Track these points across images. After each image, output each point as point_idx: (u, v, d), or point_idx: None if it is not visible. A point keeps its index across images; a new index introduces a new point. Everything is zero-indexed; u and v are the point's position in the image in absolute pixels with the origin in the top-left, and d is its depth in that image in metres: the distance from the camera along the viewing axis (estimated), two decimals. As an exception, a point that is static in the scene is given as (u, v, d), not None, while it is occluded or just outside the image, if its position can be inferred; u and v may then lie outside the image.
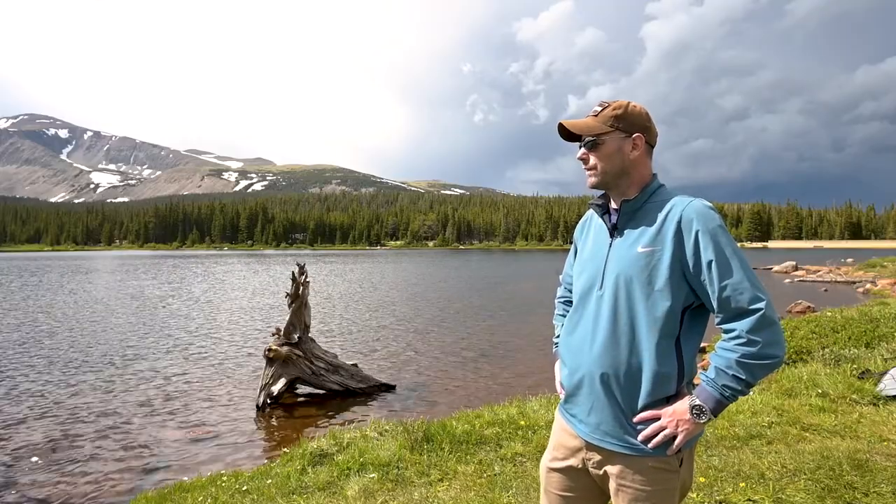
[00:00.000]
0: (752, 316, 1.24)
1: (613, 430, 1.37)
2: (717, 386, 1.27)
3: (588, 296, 1.43)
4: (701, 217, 1.30)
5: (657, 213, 1.36)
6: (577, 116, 1.51)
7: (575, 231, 1.65)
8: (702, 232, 1.28)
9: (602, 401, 1.37)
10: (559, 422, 1.56)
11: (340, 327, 12.50)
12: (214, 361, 8.94)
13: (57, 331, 11.94)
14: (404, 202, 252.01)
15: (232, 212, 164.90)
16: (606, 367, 1.35)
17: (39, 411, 6.28)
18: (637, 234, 1.37)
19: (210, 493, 3.48)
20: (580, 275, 1.49)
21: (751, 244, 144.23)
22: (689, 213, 1.31)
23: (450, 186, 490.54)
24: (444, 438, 3.90)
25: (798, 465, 3.08)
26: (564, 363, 1.50)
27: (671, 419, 1.31)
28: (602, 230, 1.48)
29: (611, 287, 1.37)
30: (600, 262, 1.42)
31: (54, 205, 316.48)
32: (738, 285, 1.25)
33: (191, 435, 5.55)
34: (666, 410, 1.32)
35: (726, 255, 1.27)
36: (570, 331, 1.48)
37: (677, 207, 1.33)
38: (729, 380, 1.26)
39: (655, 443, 1.32)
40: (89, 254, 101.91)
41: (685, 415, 1.29)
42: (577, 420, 1.45)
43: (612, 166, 1.42)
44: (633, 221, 1.40)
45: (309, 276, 7.23)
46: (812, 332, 6.41)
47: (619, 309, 1.35)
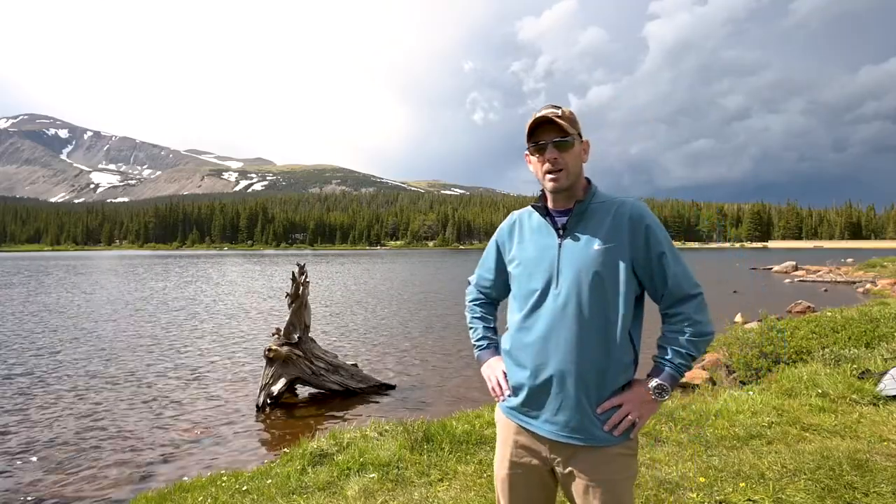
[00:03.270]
0: (695, 300, 1.41)
1: (581, 426, 1.39)
2: (674, 365, 1.39)
3: (543, 296, 1.43)
4: (647, 214, 1.42)
5: (605, 213, 1.43)
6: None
7: (498, 235, 1.63)
8: (651, 228, 1.41)
9: (571, 398, 1.39)
10: (510, 427, 1.53)
11: (340, 327, 12.50)
12: (214, 361, 8.93)
13: (55, 331, 11.94)
14: (404, 202, 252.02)
15: (232, 212, 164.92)
16: (577, 364, 1.37)
17: (39, 411, 6.27)
18: (589, 232, 1.43)
19: (210, 493, 3.48)
20: (529, 276, 1.48)
21: (751, 244, 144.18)
22: (637, 211, 1.42)
23: (450, 186, 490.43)
24: (444, 438, 3.90)
25: (798, 465, 3.08)
26: (522, 365, 1.46)
27: (633, 404, 1.38)
28: (545, 231, 1.49)
29: (569, 285, 1.40)
30: (551, 261, 1.44)
31: (54, 205, 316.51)
32: (682, 274, 1.41)
33: (191, 435, 5.55)
34: (627, 396, 1.39)
35: (671, 248, 1.42)
36: (527, 332, 1.46)
37: (625, 206, 1.43)
38: (682, 358, 1.39)
39: (621, 429, 1.38)
40: (89, 254, 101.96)
41: (647, 396, 1.39)
42: (542, 421, 1.44)
43: (576, 168, 1.46)
44: (582, 222, 1.45)
45: (309, 277, 7.23)
46: (812, 332, 6.41)
47: (582, 305, 1.38)
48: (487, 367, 1.61)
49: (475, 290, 1.74)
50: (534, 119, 1.43)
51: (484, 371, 1.62)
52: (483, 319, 1.69)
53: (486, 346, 1.65)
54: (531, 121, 1.44)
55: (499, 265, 1.65)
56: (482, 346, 1.65)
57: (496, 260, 1.65)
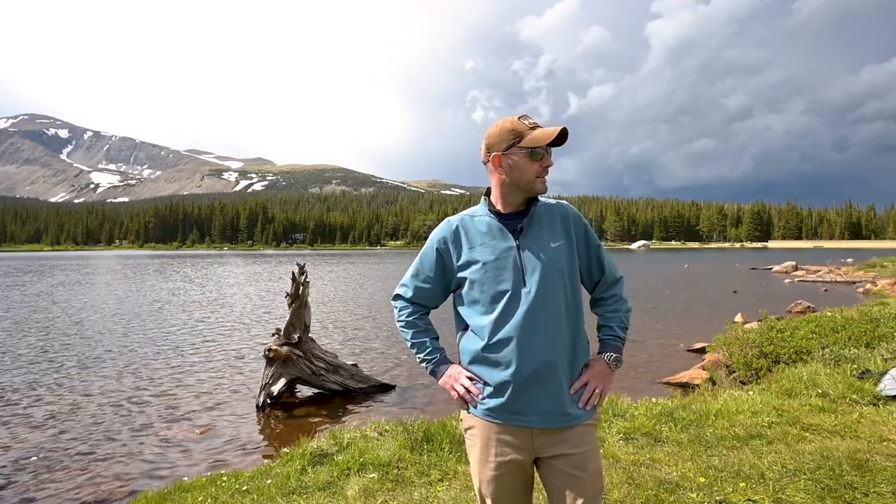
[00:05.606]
0: (621, 282, 1.68)
1: (562, 410, 1.50)
2: (621, 339, 1.62)
3: (515, 295, 1.50)
4: (578, 214, 1.63)
5: (549, 214, 1.59)
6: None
7: (438, 243, 1.64)
8: (586, 225, 1.62)
9: (555, 386, 1.49)
10: (490, 428, 1.54)
11: (340, 327, 12.50)
12: (214, 361, 8.94)
13: (55, 331, 11.94)
14: (404, 202, 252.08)
15: (232, 212, 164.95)
16: (557, 355, 1.50)
17: (39, 411, 6.28)
18: (543, 233, 1.56)
19: (210, 493, 3.48)
20: (494, 279, 1.52)
21: (751, 244, 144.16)
22: (571, 211, 1.62)
23: (450, 186, 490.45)
24: (444, 438, 3.90)
25: (798, 465, 3.08)
26: (503, 364, 1.50)
27: (598, 379, 1.56)
28: (499, 234, 1.56)
29: (538, 282, 1.50)
30: (515, 262, 1.53)
31: (54, 205, 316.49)
32: (611, 262, 1.66)
33: (191, 435, 5.55)
34: (591, 373, 1.56)
35: (599, 241, 1.66)
36: (504, 331, 1.49)
37: (563, 208, 1.62)
38: (623, 332, 1.64)
39: (591, 403, 1.54)
40: (89, 254, 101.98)
41: (606, 370, 1.58)
42: (530, 413, 1.50)
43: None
44: (534, 223, 1.57)
45: (309, 277, 7.23)
46: (812, 332, 6.41)
47: (552, 300, 1.50)
48: (448, 378, 1.62)
49: (408, 303, 1.72)
50: (560, 129, 1.51)
51: (446, 382, 1.63)
52: (427, 332, 1.70)
53: (438, 358, 1.67)
54: (556, 130, 1.50)
55: (438, 273, 1.66)
56: (435, 360, 1.66)
57: (437, 269, 1.66)
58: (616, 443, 3.73)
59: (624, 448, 3.61)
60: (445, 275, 1.66)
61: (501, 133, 1.54)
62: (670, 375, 7.31)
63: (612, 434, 3.88)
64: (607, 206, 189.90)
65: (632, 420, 4.11)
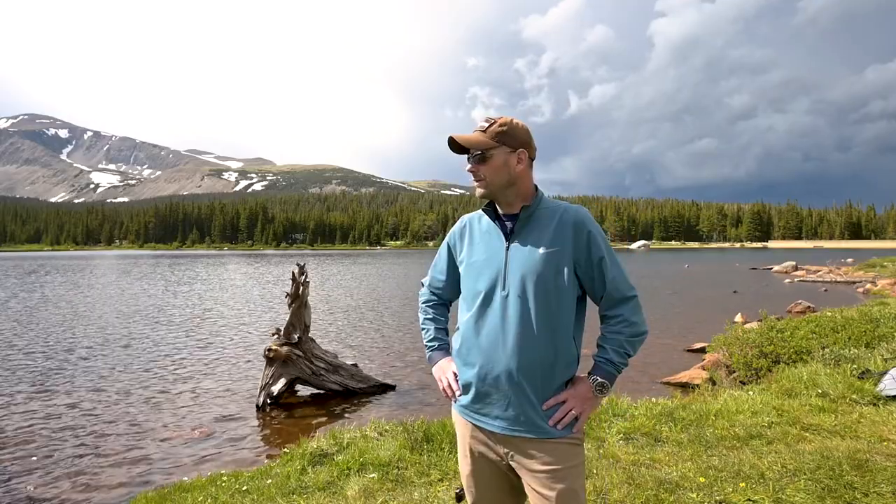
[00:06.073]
0: (631, 302, 1.50)
1: (528, 419, 1.46)
2: (614, 363, 1.47)
3: (490, 297, 1.50)
4: (589, 221, 1.50)
5: (550, 218, 1.51)
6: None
7: (449, 238, 1.71)
8: (592, 233, 1.49)
9: (520, 394, 1.46)
10: (466, 425, 1.59)
11: (340, 327, 12.50)
12: (214, 361, 8.93)
13: (54, 331, 11.94)
14: (404, 202, 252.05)
15: (232, 212, 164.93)
16: (523, 362, 1.44)
17: (39, 411, 6.27)
18: (535, 237, 1.50)
19: (210, 493, 3.48)
20: (476, 278, 1.55)
21: (751, 244, 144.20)
22: (580, 217, 1.50)
23: (450, 186, 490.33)
24: (444, 438, 3.90)
25: (798, 465, 3.08)
26: (471, 364, 1.52)
27: (576, 400, 1.47)
28: (494, 235, 1.56)
29: (517, 287, 1.46)
30: (499, 264, 1.51)
31: (54, 205, 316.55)
32: (619, 278, 1.49)
33: (191, 435, 5.55)
34: (570, 393, 1.47)
35: (611, 253, 1.50)
36: (475, 332, 1.52)
37: (569, 213, 1.51)
38: (621, 357, 1.47)
39: (564, 423, 1.46)
40: (90, 254, 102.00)
41: (588, 394, 1.47)
42: (491, 417, 1.51)
43: (499, 178, 1.52)
44: (528, 227, 1.52)
45: (309, 277, 7.23)
46: (812, 332, 6.41)
47: (528, 306, 1.45)
48: (438, 369, 1.67)
49: (428, 291, 1.80)
50: (448, 139, 1.54)
51: (435, 372, 1.68)
52: (434, 321, 1.74)
53: (436, 346, 1.71)
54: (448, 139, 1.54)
55: (450, 267, 1.71)
56: (433, 347, 1.71)
57: (448, 262, 1.72)
58: (616, 443, 3.73)
59: (624, 448, 3.61)
60: (454, 269, 1.71)
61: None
62: (670, 375, 7.31)
63: (613, 434, 3.88)
64: (607, 205, 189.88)
65: (632, 420, 4.11)
